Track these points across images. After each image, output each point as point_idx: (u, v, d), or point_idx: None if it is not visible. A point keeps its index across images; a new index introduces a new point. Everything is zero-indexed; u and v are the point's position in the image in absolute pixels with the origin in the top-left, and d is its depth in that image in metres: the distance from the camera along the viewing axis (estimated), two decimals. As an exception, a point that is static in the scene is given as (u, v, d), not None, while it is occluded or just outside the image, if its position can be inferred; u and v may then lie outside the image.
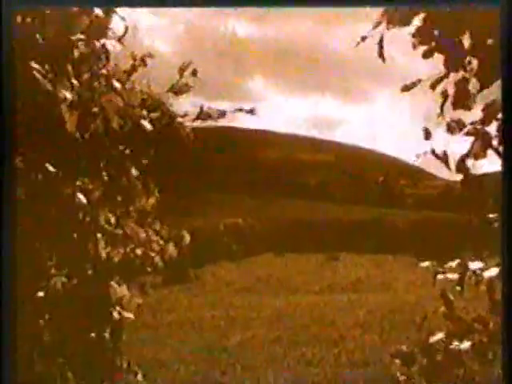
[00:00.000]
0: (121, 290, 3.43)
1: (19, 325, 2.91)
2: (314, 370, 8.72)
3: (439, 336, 3.26)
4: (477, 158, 3.18)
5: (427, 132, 3.36)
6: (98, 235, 3.37)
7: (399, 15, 3.14)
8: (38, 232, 3.15)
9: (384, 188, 40.06)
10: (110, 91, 3.35)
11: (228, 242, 26.35)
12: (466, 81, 3.10)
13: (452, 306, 3.34)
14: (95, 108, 3.29)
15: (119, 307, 3.45)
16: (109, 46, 3.42)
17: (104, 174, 3.45)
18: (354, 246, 27.10)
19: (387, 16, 3.16)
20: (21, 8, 3.09)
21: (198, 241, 24.33)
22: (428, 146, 3.33)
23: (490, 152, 3.14)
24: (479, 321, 3.21)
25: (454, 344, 3.21)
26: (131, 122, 3.47)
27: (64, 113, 3.06)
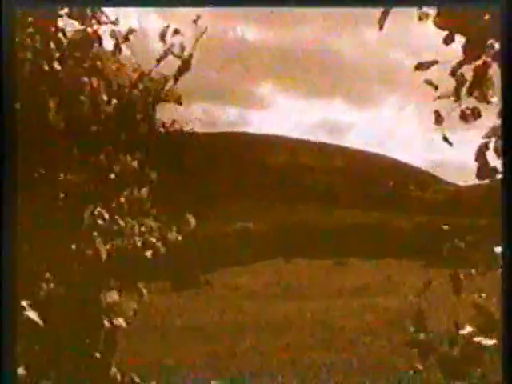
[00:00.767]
0: (113, 296, 3.35)
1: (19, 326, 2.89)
2: (324, 376, 8.71)
3: (468, 329, 3.16)
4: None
5: (445, 139, 3.30)
6: (94, 233, 3.31)
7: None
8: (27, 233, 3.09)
9: (392, 193, 40.02)
10: (97, 74, 3.30)
11: (237, 247, 26.33)
12: (487, 66, 3.03)
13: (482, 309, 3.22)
14: (82, 95, 3.23)
15: (112, 314, 3.37)
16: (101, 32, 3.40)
17: (94, 165, 3.33)
18: (363, 251, 27.04)
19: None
20: (21, 8, 3.10)
21: (208, 246, 24.36)
22: (437, 151, 3.30)
23: None
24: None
25: (479, 339, 3.12)
26: (121, 103, 3.38)
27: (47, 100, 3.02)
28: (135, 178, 3.53)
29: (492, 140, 3.16)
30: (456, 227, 25.43)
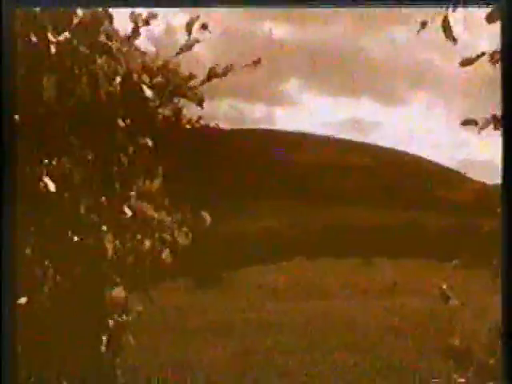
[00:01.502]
0: (119, 294, 3.19)
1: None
2: (347, 377, 8.55)
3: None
4: None
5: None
6: (104, 227, 3.13)
7: None
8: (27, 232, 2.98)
9: (420, 192, 39.70)
10: (103, 54, 3.13)
11: (261, 246, 26.23)
12: None
13: None
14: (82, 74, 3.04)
15: (117, 315, 3.20)
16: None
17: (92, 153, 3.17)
18: (389, 251, 26.81)
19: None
20: (21, 8, 3.00)
21: (231, 244, 24.28)
22: (463, 150, 3.12)
23: None
24: None
25: None
26: (129, 90, 3.20)
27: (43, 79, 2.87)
28: (145, 169, 3.35)
29: None
30: (485, 226, 25.04)
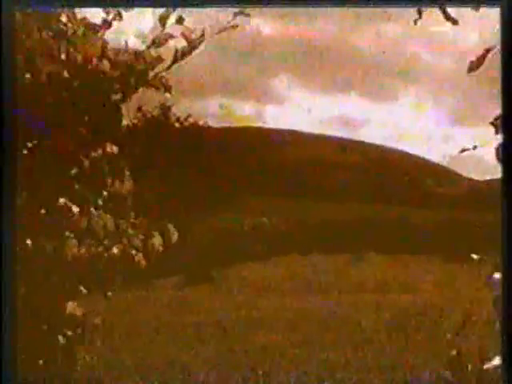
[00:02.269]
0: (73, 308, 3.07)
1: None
2: (339, 374, 8.52)
3: (496, 362, 2.62)
4: None
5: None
6: (66, 233, 3.04)
7: None
8: None
9: (410, 187, 39.77)
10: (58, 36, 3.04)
11: (253, 242, 26.19)
12: None
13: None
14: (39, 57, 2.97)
15: (68, 328, 3.07)
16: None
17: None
18: (380, 246, 26.82)
19: None
20: (21, 8, 2.96)
21: (223, 240, 24.25)
22: (452, 146, 3.09)
23: None
24: None
25: None
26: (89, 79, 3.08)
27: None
28: (110, 169, 3.21)
29: None
30: (476, 222, 25.09)
